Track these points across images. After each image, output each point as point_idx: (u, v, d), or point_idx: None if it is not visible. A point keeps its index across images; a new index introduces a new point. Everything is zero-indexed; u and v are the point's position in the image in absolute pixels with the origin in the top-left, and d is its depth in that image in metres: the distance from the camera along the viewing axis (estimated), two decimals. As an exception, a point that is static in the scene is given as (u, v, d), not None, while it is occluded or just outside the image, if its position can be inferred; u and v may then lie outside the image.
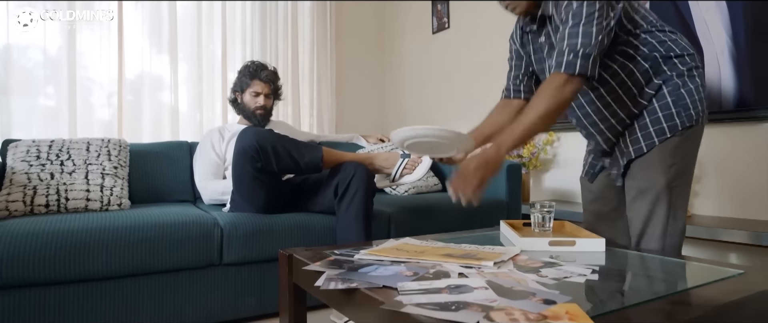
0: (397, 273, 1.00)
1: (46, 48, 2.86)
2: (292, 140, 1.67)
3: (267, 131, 1.65)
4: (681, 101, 1.27)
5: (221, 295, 1.68)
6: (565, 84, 1.17)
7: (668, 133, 1.27)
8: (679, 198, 1.30)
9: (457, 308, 0.76)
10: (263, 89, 2.17)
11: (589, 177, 1.55)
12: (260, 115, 2.17)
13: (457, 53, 3.53)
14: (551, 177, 2.94)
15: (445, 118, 3.67)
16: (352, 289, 0.91)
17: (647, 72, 1.29)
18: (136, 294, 1.55)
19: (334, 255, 1.17)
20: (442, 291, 0.86)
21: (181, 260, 1.60)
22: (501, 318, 0.71)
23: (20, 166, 1.75)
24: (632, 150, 1.33)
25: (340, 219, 1.67)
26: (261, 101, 2.16)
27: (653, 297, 0.83)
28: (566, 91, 1.18)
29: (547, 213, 1.37)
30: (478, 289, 0.87)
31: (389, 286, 0.90)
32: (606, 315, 0.74)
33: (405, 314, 0.75)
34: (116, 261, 1.49)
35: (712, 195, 2.18)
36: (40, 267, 1.40)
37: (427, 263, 1.06)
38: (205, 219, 1.66)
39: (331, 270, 1.03)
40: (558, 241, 1.21)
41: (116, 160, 1.92)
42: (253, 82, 2.16)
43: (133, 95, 3.12)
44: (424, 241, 1.28)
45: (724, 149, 2.11)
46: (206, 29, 3.34)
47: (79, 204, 1.71)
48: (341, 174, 1.67)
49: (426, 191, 2.48)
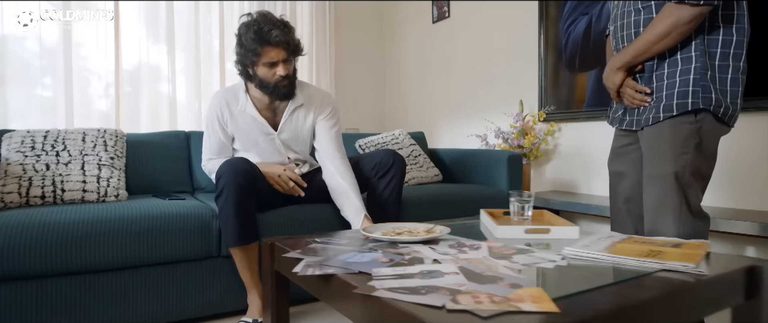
0: (374, 259, 1.02)
1: (43, 38, 2.83)
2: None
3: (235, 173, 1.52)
4: (702, 82, 1.23)
5: (220, 287, 1.66)
6: (684, 9, 1.18)
7: (675, 111, 1.24)
8: (690, 189, 1.26)
9: (427, 291, 0.80)
10: (279, 55, 1.63)
11: (610, 121, 1.54)
12: (284, 87, 1.69)
13: (458, 42, 3.50)
14: (552, 167, 2.92)
15: (445, 108, 3.64)
16: (329, 275, 0.94)
17: (703, 41, 1.25)
18: (134, 287, 1.54)
19: (314, 242, 1.20)
20: (415, 276, 0.90)
21: (180, 252, 1.58)
22: (466, 301, 0.74)
23: (15, 157, 1.73)
24: (643, 118, 1.34)
25: (377, 196, 1.73)
26: (281, 71, 1.65)
27: (615, 280, 0.88)
28: (685, 16, 1.19)
29: (526, 202, 1.41)
30: (449, 274, 0.90)
31: (365, 272, 0.93)
32: (567, 297, 0.77)
33: (376, 298, 0.78)
34: (114, 253, 1.48)
35: (726, 187, 2.16)
36: (37, 260, 1.39)
37: (403, 249, 1.11)
38: (204, 210, 1.65)
39: (310, 257, 1.05)
40: (533, 229, 1.25)
41: (113, 150, 1.90)
42: (264, 50, 1.61)
43: (131, 85, 3.10)
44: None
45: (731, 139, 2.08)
46: (204, 18, 3.30)
47: (75, 196, 1.69)
48: (383, 156, 1.75)
49: (427, 182, 2.46)
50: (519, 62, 3.04)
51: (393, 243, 1.17)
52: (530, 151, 2.81)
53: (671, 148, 1.25)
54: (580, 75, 2.69)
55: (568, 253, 1.07)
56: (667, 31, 1.21)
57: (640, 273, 0.92)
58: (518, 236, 1.25)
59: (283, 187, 1.72)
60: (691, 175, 1.24)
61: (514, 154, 2.32)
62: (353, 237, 1.27)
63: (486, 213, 1.47)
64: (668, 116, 1.25)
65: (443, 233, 1.23)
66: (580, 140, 2.74)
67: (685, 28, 1.20)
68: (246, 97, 1.77)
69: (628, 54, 1.31)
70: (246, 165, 1.56)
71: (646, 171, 1.32)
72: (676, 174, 1.24)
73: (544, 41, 2.86)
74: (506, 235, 1.25)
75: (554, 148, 2.90)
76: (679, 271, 0.93)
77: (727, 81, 1.23)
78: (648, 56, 1.28)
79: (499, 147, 2.90)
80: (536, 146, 2.80)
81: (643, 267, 0.95)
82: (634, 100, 1.34)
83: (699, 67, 1.22)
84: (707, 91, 1.22)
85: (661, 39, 1.23)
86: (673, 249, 1.05)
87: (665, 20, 1.21)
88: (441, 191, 2.21)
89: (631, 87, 1.34)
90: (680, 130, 1.24)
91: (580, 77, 2.69)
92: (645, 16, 1.30)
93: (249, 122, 1.78)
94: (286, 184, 1.72)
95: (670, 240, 1.16)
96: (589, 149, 2.65)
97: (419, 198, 2.06)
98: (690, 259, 0.96)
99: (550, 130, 2.84)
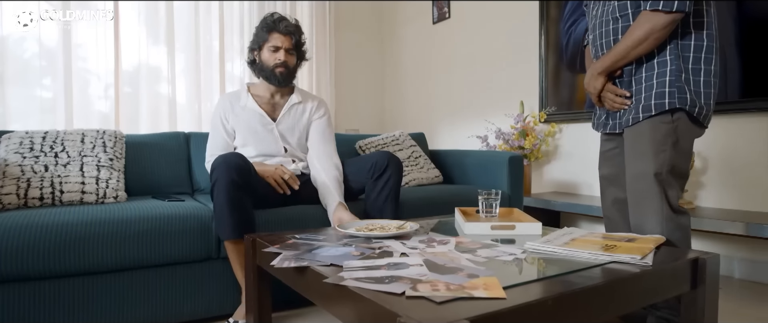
0: (347, 253, 1.10)
1: (43, 39, 2.82)
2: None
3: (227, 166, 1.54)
4: (677, 83, 1.29)
5: (220, 289, 1.65)
6: (658, 16, 1.25)
7: (654, 111, 1.30)
8: (669, 187, 1.32)
9: (390, 281, 0.87)
10: (283, 42, 1.83)
11: (595, 126, 1.60)
12: (281, 73, 1.84)
13: (458, 43, 3.49)
14: (553, 168, 2.91)
15: (445, 109, 3.63)
16: (304, 267, 1.03)
17: (676, 46, 1.31)
18: (132, 288, 1.53)
19: (294, 239, 1.29)
20: (382, 267, 0.97)
21: (179, 253, 1.57)
22: (425, 289, 0.82)
23: (13, 158, 1.72)
24: (622, 120, 1.40)
25: (374, 198, 1.74)
26: (281, 56, 1.82)
27: (563, 272, 0.97)
28: (660, 22, 1.25)
29: (494, 200, 1.51)
30: (413, 266, 0.98)
31: (336, 264, 1.01)
32: (516, 286, 0.86)
33: (343, 287, 0.86)
34: (112, 254, 1.47)
35: (715, 187, 2.15)
36: (35, 261, 1.38)
37: (375, 244, 1.19)
38: (203, 211, 1.64)
39: (288, 252, 1.13)
40: (499, 225, 1.34)
41: (112, 151, 1.89)
42: (271, 36, 1.83)
43: (131, 86, 3.09)
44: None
45: (728, 140, 2.08)
46: (203, 20, 3.30)
47: (74, 197, 1.69)
48: (378, 157, 1.76)
49: (427, 183, 2.45)
50: (520, 63, 3.03)
51: (368, 239, 1.26)
52: (531, 152, 2.80)
53: (651, 146, 1.31)
54: (581, 76, 2.69)
55: (528, 247, 1.16)
56: (644, 37, 1.28)
57: (589, 264, 1.02)
58: (485, 232, 1.34)
59: (278, 181, 1.75)
60: (669, 173, 1.31)
61: (515, 155, 2.31)
62: (330, 234, 1.36)
63: (459, 211, 1.55)
64: (647, 116, 1.32)
65: (413, 229, 1.33)
66: (581, 141, 2.73)
67: (661, 33, 1.27)
68: (247, 95, 1.92)
69: (609, 59, 1.37)
70: (239, 160, 1.57)
71: (628, 170, 1.38)
72: (656, 173, 1.30)
73: (545, 42, 2.85)
74: (474, 231, 1.35)
75: (555, 149, 2.89)
76: (626, 263, 1.02)
77: (700, 83, 1.30)
78: (627, 61, 1.35)
79: (500, 148, 2.89)
80: (537, 147, 2.79)
81: (594, 260, 1.05)
82: (615, 103, 1.41)
83: (674, 69, 1.29)
84: (682, 92, 1.29)
85: (638, 44, 1.30)
86: (626, 244, 1.15)
87: (642, 26, 1.28)
88: (441, 192, 2.20)
89: (612, 91, 1.41)
90: (658, 129, 1.31)
91: (581, 78, 2.69)
92: (623, 24, 1.37)
93: (250, 114, 1.89)
94: (281, 177, 1.76)
95: (625, 235, 1.26)
96: (590, 150, 2.64)
97: (419, 200, 2.05)
98: (638, 252, 1.06)
99: (550, 131, 2.83)
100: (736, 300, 1.83)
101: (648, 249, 1.09)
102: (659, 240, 1.19)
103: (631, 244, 1.14)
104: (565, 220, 2.80)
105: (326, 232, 1.42)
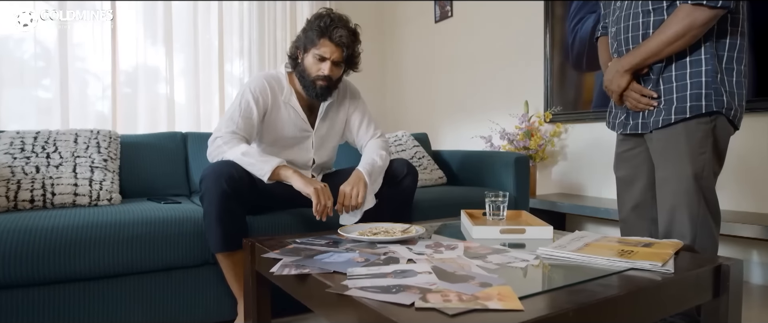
0: (350, 259, 1.05)
1: (40, 39, 2.78)
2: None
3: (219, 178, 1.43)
4: (714, 85, 1.22)
5: (217, 295, 1.60)
6: (700, 11, 1.18)
7: (689, 114, 1.24)
8: (708, 189, 1.26)
9: (398, 290, 0.82)
10: (333, 54, 1.59)
11: (611, 125, 1.53)
12: (321, 87, 1.62)
13: (461, 42, 3.44)
14: (559, 169, 2.85)
15: (448, 109, 3.58)
16: (305, 275, 0.97)
17: (711, 45, 1.24)
18: (127, 294, 1.47)
19: (294, 243, 1.23)
20: (388, 275, 0.91)
21: (175, 258, 1.52)
22: (435, 299, 0.76)
23: (3, 159, 1.66)
24: (652, 119, 1.31)
25: (387, 205, 1.65)
26: (326, 69, 1.59)
27: (581, 280, 0.90)
28: (701, 18, 1.18)
29: (501, 202, 1.45)
30: (421, 274, 0.92)
31: (340, 272, 0.95)
32: (533, 296, 0.81)
33: (348, 297, 0.81)
34: (106, 259, 1.41)
35: (730, 189, 2.09)
36: (25, 267, 1.32)
37: (379, 249, 1.14)
38: (200, 215, 1.58)
39: (288, 257, 1.08)
40: (509, 229, 1.28)
41: (106, 152, 1.84)
42: (322, 42, 1.58)
43: (129, 87, 3.05)
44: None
45: (743, 140, 2.02)
46: (202, 19, 3.25)
47: (66, 200, 1.63)
48: (397, 165, 1.70)
49: (431, 184, 2.39)
50: (524, 62, 2.97)
51: (372, 244, 1.20)
52: (536, 153, 2.74)
53: (688, 149, 1.24)
54: (587, 75, 2.63)
55: (541, 253, 1.09)
56: (682, 33, 1.20)
57: (608, 271, 0.96)
58: (494, 236, 1.28)
59: (321, 209, 1.48)
60: (710, 176, 1.25)
61: (522, 156, 2.25)
62: (332, 238, 1.30)
63: (465, 214, 1.50)
64: (681, 118, 1.25)
65: (418, 232, 1.26)
66: (587, 142, 2.68)
67: (699, 30, 1.20)
68: (291, 90, 1.69)
69: (639, 55, 1.28)
70: (232, 170, 1.46)
71: (660, 173, 1.30)
72: (695, 175, 1.24)
73: (550, 40, 2.80)
74: (482, 235, 1.28)
75: (561, 149, 2.83)
76: (646, 270, 0.96)
77: (734, 84, 1.24)
78: (659, 58, 1.27)
79: (504, 148, 2.83)
80: (542, 148, 2.74)
81: (612, 267, 0.99)
82: (639, 104, 1.32)
83: (709, 69, 1.22)
84: (719, 94, 1.22)
85: (674, 40, 1.22)
86: (644, 249, 1.09)
87: (681, 21, 1.20)
88: (446, 194, 2.14)
89: (637, 91, 1.32)
90: (696, 131, 1.24)
91: (587, 77, 2.63)
92: (655, 18, 1.28)
93: (291, 114, 1.69)
94: (326, 203, 1.49)
95: (641, 239, 1.20)
96: (597, 151, 2.58)
97: (424, 201, 2.00)
98: (658, 258, 0.99)
99: (556, 132, 2.77)
100: (757, 307, 1.75)
101: (667, 255, 1.03)
102: (677, 245, 1.13)
103: (649, 250, 1.08)
104: (571, 222, 2.75)
105: (328, 236, 1.35)
